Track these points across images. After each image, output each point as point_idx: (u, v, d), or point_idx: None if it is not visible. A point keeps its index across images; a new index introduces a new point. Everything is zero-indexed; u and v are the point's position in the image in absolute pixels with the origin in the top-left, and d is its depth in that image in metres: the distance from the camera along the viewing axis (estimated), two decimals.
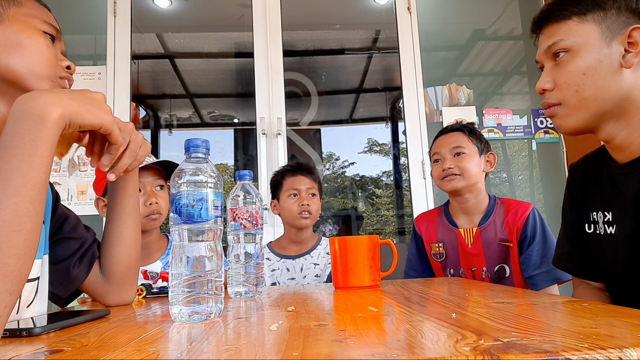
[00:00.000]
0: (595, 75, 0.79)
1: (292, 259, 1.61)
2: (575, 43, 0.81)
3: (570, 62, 0.82)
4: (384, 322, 0.57)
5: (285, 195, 1.59)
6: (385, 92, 3.87)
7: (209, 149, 0.70)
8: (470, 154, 1.43)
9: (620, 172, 0.86)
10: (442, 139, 1.50)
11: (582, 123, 0.83)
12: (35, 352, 0.47)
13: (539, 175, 2.68)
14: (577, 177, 0.99)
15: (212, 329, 0.56)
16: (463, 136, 1.46)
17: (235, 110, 4.03)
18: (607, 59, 0.79)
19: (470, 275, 1.42)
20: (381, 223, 4.03)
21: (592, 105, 0.81)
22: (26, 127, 0.54)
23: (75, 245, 0.85)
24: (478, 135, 1.48)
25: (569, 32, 0.83)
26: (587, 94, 0.80)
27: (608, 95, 0.79)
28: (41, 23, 0.76)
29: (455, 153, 1.44)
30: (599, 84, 0.79)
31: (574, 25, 0.82)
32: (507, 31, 2.86)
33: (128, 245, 0.86)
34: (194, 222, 0.65)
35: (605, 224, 0.89)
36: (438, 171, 1.47)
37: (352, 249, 1.03)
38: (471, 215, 1.46)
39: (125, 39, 2.52)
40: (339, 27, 3.37)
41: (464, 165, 1.42)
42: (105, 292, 0.86)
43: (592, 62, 0.80)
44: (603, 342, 0.38)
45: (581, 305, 0.61)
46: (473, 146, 1.45)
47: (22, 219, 0.52)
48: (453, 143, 1.45)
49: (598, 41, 0.80)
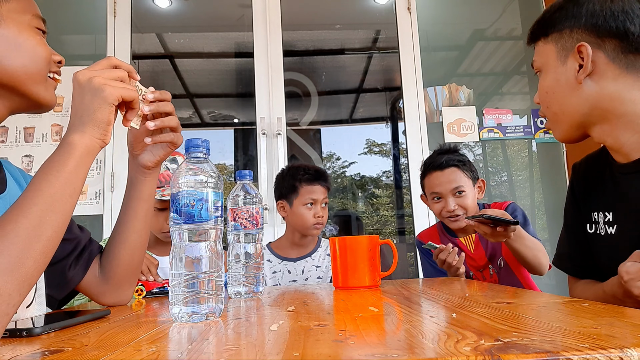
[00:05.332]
0: (556, 93, 0.85)
1: (294, 261, 1.61)
2: (541, 64, 0.88)
3: (540, 82, 0.88)
4: (385, 322, 0.57)
5: (300, 203, 1.57)
6: (385, 92, 3.87)
7: (209, 149, 0.69)
8: (468, 191, 1.48)
9: (621, 172, 0.86)
10: (438, 177, 1.50)
11: (566, 133, 0.88)
12: (35, 352, 0.47)
13: (539, 175, 2.67)
14: (580, 177, 1.00)
15: (212, 329, 0.56)
16: (460, 172, 1.49)
17: (235, 110, 4.03)
18: (563, 77, 0.84)
19: (480, 276, 1.48)
20: (381, 223, 4.02)
21: (563, 119, 0.86)
22: (60, 151, 0.63)
23: (69, 247, 0.84)
24: (469, 166, 1.52)
25: (538, 53, 0.89)
26: (555, 109, 0.86)
27: (573, 109, 0.84)
28: (33, 18, 0.75)
29: (457, 192, 1.47)
30: (561, 101, 0.84)
31: (541, 46, 0.89)
32: (507, 31, 2.85)
33: (132, 249, 0.85)
34: (194, 222, 0.64)
35: (606, 225, 0.89)
36: (439, 209, 1.49)
37: (352, 249, 1.03)
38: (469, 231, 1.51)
39: (125, 39, 2.52)
40: (339, 27, 3.37)
41: (466, 204, 1.46)
42: (102, 291, 0.86)
43: (551, 81, 0.86)
44: (604, 342, 0.38)
45: (582, 305, 0.61)
46: (468, 180, 1.49)
47: (44, 226, 0.57)
48: (452, 183, 1.47)
49: (555, 60, 0.85)
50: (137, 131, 0.79)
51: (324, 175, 1.62)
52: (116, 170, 2.39)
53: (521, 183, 2.82)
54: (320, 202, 1.58)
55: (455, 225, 1.48)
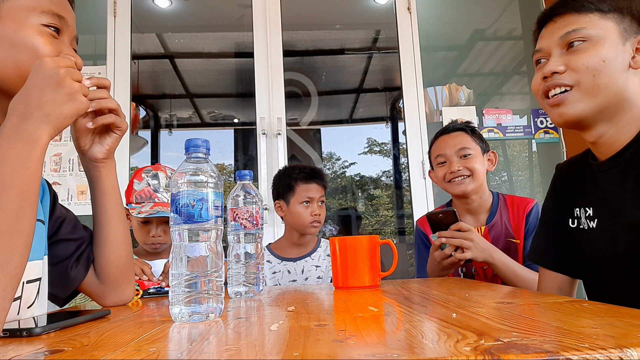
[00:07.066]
0: (612, 66, 0.84)
1: (293, 262, 1.61)
2: (597, 34, 0.86)
3: (591, 49, 0.86)
4: (385, 322, 0.57)
5: (297, 202, 1.58)
6: (385, 92, 3.87)
7: (209, 149, 0.69)
8: (476, 154, 1.40)
9: (600, 169, 0.92)
10: (444, 139, 1.44)
11: (587, 112, 0.87)
12: (35, 352, 0.47)
13: (539, 175, 2.67)
14: (563, 176, 1.04)
15: (212, 329, 0.56)
16: (467, 136, 1.42)
17: (235, 110, 4.03)
18: (621, 56, 0.85)
19: (482, 273, 1.41)
20: (380, 223, 4.02)
21: (602, 94, 0.85)
22: (21, 145, 0.61)
23: (73, 247, 0.84)
24: (479, 135, 1.46)
25: (591, 23, 0.87)
26: (602, 81, 0.85)
27: (616, 88, 0.84)
28: (40, 15, 0.70)
29: (462, 154, 1.39)
30: (612, 75, 0.84)
31: (596, 18, 0.87)
32: (507, 31, 2.85)
33: (116, 245, 0.84)
34: (194, 222, 0.64)
35: (587, 219, 0.94)
36: (443, 173, 1.41)
37: (352, 249, 1.03)
38: (477, 214, 1.44)
39: (125, 39, 2.52)
40: (339, 27, 3.37)
41: (472, 166, 1.38)
42: (102, 292, 0.86)
43: (611, 54, 0.85)
44: (604, 342, 0.38)
45: (581, 305, 0.61)
46: (477, 146, 1.42)
47: (24, 222, 0.58)
48: (458, 144, 1.40)
49: (617, 38, 0.85)
50: (78, 125, 0.78)
51: (319, 173, 1.62)
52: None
53: (521, 183, 2.82)
54: (316, 201, 1.58)
55: (459, 189, 1.39)
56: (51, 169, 2.38)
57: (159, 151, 3.67)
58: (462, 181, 1.38)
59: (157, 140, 3.74)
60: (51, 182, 2.33)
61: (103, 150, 0.81)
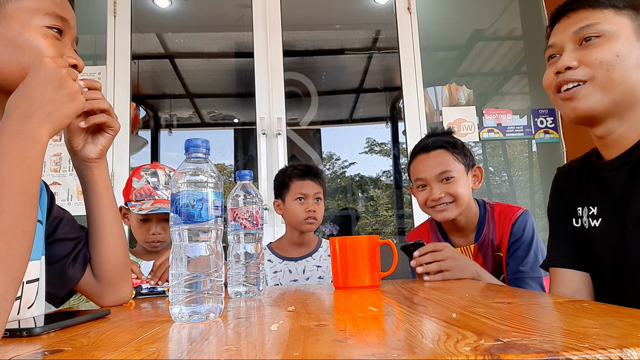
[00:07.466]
0: (626, 61, 0.84)
1: (294, 261, 1.61)
2: (611, 30, 0.86)
3: (605, 44, 0.86)
4: (384, 322, 0.57)
5: (291, 198, 1.58)
6: (385, 92, 3.87)
7: (209, 149, 0.69)
8: (458, 177, 1.27)
9: (607, 169, 0.91)
10: (423, 160, 1.31)
11: (600, 106, 0.86)
12: (35, 352, 0.47)
13: (539, 176, 2.67)
14: (565, 176, 1.04)
15: (212, 329, 0.56)
16: (447, 155, 1.29)
17: (235, 110, 4.03)
18: (635, 52, 0.85)
19: None
20: (380, 223, 4.02)
21: (615, 88, 0.85)
22: (23, 144, 0.60)
23: (70, 246, 0.84)
24: (461, 149, 1.32)
25: (605, 19, 0.87)
26: (616, 75, 0.84)
27: (629, 83, 0.84)
28: (44, 17, 0.71)
29: (444, 178, 1.28)
30: (626, 70, 0.84)
31: (610, 14, 0.87)
32: (507, 31, 2.85)
33: (112, 244, 0.85)
34: (194, 222, 0.64)
35: (590, 218, 0.94)
36: (424, 198, 1.31)
37: (352, 249, 1.03)
38: (465, 232, 1.35)
39: (125, 39, 2.52)
40: (339, 27, 3.37)
41: (455, 191, 1.26)
42: (100, 292, 0.86)
43: (625, 49, 0.85)
44: (604, 342, 0.38)
45: (581, 305, 0.61)
46: (459, 165, 1.29)
47: (26, 222, 0.58)
48: (439, 166, 1.28)
49: (631, 34, 0.86)
50: (72, 125, 0.79)
51: (314, 170, 1.62)
52: (115, 171, 2.39)
53: (521, 183, 2.82)
54: (311, 197, 1.58)
55: (441, 216, 1.28)
56: (51, 169, 2.38)
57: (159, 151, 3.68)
58: (445, 208, 1.28)
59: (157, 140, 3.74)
60: (51, 182, 2.33)
61: (96, 150, 0.82)
